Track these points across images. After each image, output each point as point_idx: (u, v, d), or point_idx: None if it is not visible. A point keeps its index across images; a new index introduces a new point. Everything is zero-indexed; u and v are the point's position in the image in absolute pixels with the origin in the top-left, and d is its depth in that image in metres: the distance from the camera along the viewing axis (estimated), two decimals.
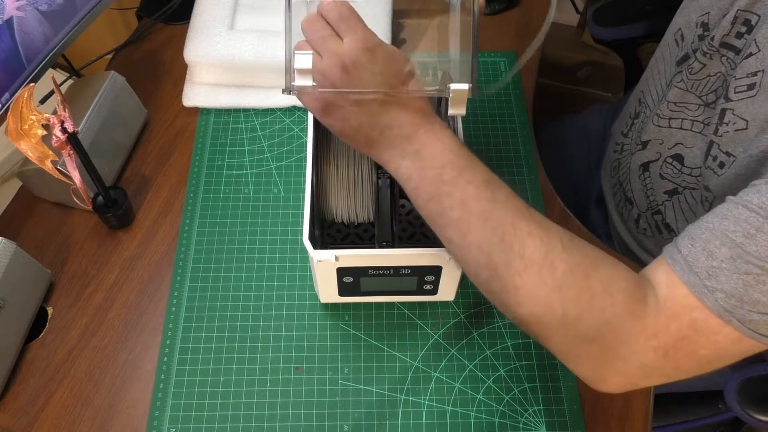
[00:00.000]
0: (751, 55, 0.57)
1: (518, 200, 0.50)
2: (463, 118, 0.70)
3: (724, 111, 0.60)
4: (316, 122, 0.62)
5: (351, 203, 0.64)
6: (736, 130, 0.59)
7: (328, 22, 0.50)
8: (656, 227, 0.77)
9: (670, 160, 0.72)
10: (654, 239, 0.79)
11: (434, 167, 0.49)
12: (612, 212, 0.88)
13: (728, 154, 0.60)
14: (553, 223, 0.49)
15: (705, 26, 0.67)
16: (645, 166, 0.77)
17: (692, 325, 0.44)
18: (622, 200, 0.84)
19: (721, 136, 0.61)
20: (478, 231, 0.48)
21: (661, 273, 0.47)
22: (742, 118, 0.58)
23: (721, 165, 0.61)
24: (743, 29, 0.60)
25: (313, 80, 0.50)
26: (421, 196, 0.51)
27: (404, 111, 0.50)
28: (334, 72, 0.49)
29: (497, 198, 0.49)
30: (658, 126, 0.73)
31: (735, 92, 0.59)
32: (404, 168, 0.51)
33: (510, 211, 0.48)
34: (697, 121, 0.68)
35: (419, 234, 0.76)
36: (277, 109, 0.88)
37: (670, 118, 0.71)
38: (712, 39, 0.63)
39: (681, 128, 0.70)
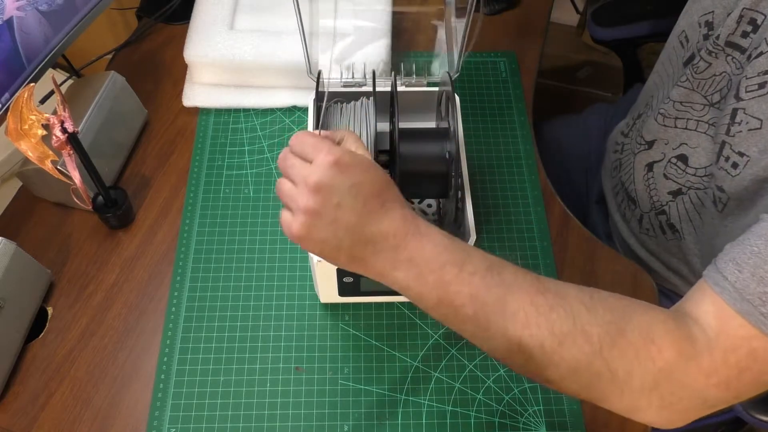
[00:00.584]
0: (762, 54, 0.57)
1: (527, 274, 0.48)
2: (463, 118, 0.70)
3: (735, 111, 0.60)
4: (316, 122, 0.62)
5: None
6: (749, 130, 0.58)
7: (299, 155, 0.49)
8: (660, 227, 0.77)
9: (674, 160, 0.72)
10: (657, 239, 0.79)
11: (433, 271, 0.47)
12: (614, 212, 0.88)
13: (741, 154, 0.59)
14: (568, 285, 0.48)
15: (709, 25, 0.67)
16: (649, 167, 0.76)
17: (752, 355, 0.43)
18: (624, 200, 0.84)
19: (733, 136, 0.61)
20: (498, 321, 0.46)
21: (707, 304, 0.46)
22: (756, 117, 0.58)
23: (735, 165, 0.60)
24: (749, 28, 0.60)
25: (290, 210, 0.48)
26: (426, 302, 0.48)
27: (386, 220, 0.47)
28: (304, 195, 0.46)
29: (506, 281, 0.47)
30: (664, 126, 0.73)
31: (746, 91, 0.59)
32: (400, 279, 0.48)
33: (524, 291, 0.47)
34: (702, 121, 0.68)
35: None
36: (277, 109, 0.88)
37: (675, 118, 0.71)
38: (717, 38, 0.63)
39: (686, 128, 0.70)
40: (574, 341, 0.45)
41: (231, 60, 0.84)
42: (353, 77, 0.70)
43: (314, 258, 0.59)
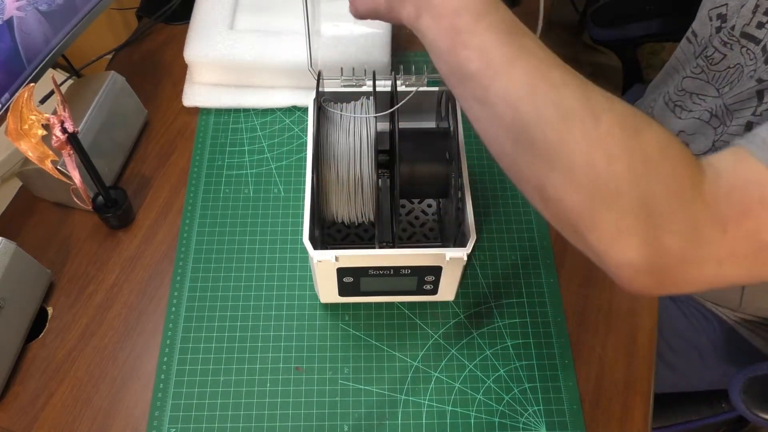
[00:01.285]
0: None
1: (549, 51, 0.43)
2: (463, 118, 0.70)
3: (761, 92, 0.60)
4: (316, 122, 0.62)
5: (351, 204, 0.64)
6: None
7: None
8: None
9: None
10: None
11: (447, 14, 0.43)
12: None
13: None
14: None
15: (722, 17, 0.67)
16: None
17: (762, 201, 0.38)
18: None
19: (760, 114, 0.61)
20: (501, 82, 0.41)
21: (727, 153, 0.41)
22: None
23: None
24: (764, 19, 0.60)
25: None
26: (436, 52, 0.44)
27: None
28: None
29: (524, 45, 0.42)
30: (678, 118, 0.73)
31: None
32: (422, 24, 0.45)
33: (540, 59, 0.41)
34: (708, 111, 0.69)
35: (419, 234, 0.76)
36: (277, 109, 0.88)
37: (690, 111, 0.72)
38: (732, 28, 0.64)
39: (698, 119, 0.71)
40: (581, 122, 0.38)
41: (231, 60, 0.84)
42: (353, 77, 0.70)
43: (314, 258, 0.59)
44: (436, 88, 0.72)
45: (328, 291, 0.69)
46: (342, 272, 0.64)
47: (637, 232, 0.38)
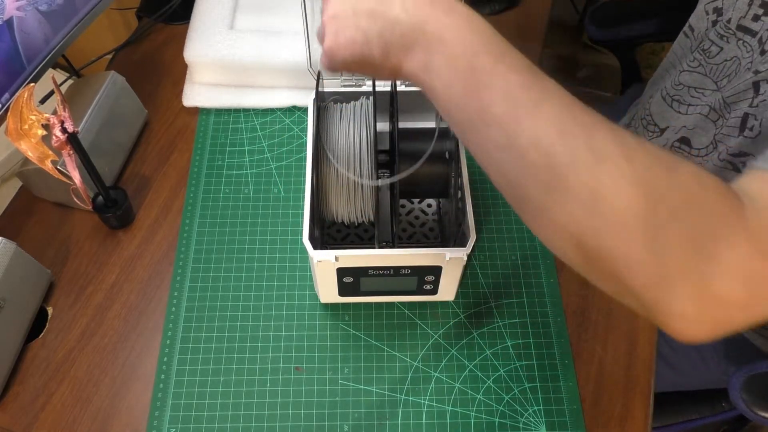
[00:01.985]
0: None
1: (568, 93, 0.40)
2: None
3: (757, 84, 0.61)
4: (316, 122, 0.62)
5: (351, 204, 0.64)
6: None
7: None
8: None
9: (677, 144, 0.73)
10: None
11: (464, 54, 0.40)
12: None
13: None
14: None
15: (718, 11, 0.67)
16: None
17: None
18: None
19: (756, 106, 0.61)
20: (530, 126, 0.38)
21: (754, 181, 0.40)
22: None
23: (752, 128, 0.62)
24: (760, 11, 0.61)
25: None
26: (451, 97, 0.41)
27: (418, 1, 0.42)
28: (325, 11, 0.44)
29: (547, 87, 0.40)
30: (678, 112, 0.73)
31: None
32: (433, 68, 0.41)
33: (565, 102, 0.39)
34: (705, 104, 0.69)
35: (419, 234, 0.76)
36: (277, 109, 0.88)
37: (689, 105, 0.72)
38: (728, 21, 0.64)
39: (699, 113, 0.71)
40: (616, 163, 0.36)
41: (231, 60, 0.84)
42: (353, 77, 0.70)
43: (314, 258, 0.59)
44: None
45: (328, 291, 0.69)
46: (342, 272, 0.64)
47: (687, 276, 0.35)
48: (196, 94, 0.88)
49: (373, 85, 0.65)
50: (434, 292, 0.69)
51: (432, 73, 0.42)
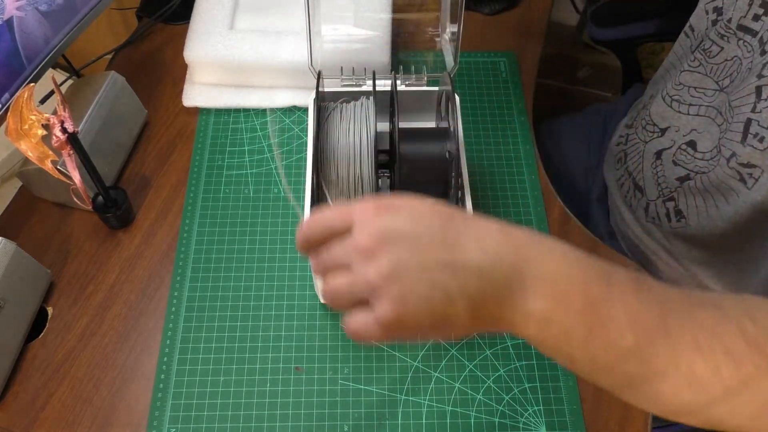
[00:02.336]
0: None
1: (665, 285, 0.38)
2: (463, 118, 0.70)
3: (759, 88, 0.60)
4: (316, 122, 0.62)
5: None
6: None
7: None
8: (666, 215, 0.77)
9: (684, 146, 0.72)
10: (662, 228, 0.78)
11: (576, 289, 0.35)
12: (619, 203, 0.87)
13: None
14: (713, 292, 0.41)
15: (718, 11, 0.67)
16: (658, 154, 0.76)
17: None
18: (631, 189, 0.83)
19: (760, 112, 0.61)
20: (665, 350, 0.35)
21: None
22: None
23: (762, 140, 0.61)
24: (761, 11, 0.61)
25: (361, 305, 0.37)
26: (570, 341, 0.35)
27: (482, 238, 0.36)
28: (370, 267, 0.35)
29: (658, 296, 0.36)
30: (678, 112, 0.73)
31: None
32: (538, 311, 0.35)
33: (680, 304, 0.36)
34: (711, 106, 0.69)
35: None
36: (277, 109, 0.88)
37: (689, 105, 0.72)
38: (729, 21, 0.64)
39: (698, 114, 0.71)
40: (752, 360, 0.35)
41: (231, 60, 0.84)
42: (353, 77, 0.70)
43: None
44: (436, 88, 0.72)
45: None
46: None
47: None
48: (196, 94, 0.88)
49: (374, 85, 0.65)
50: None
51: (541, 321, 0.36)
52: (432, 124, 0.75)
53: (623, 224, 0.87)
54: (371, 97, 0.64)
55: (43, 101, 0.77)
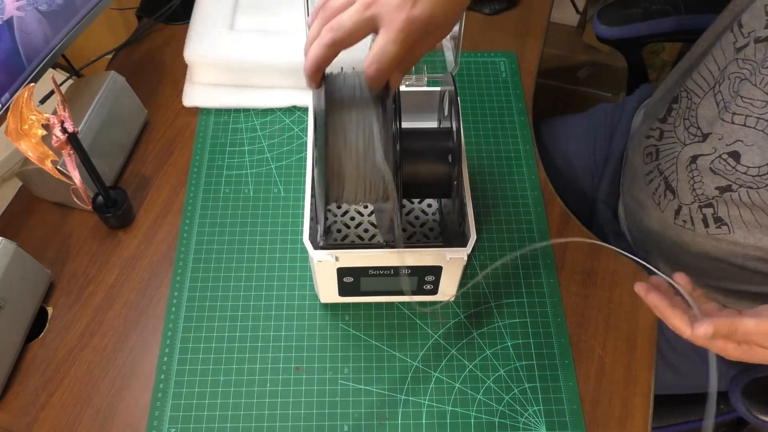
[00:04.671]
0: None
1: None
2: (463, 118, 0.71)
3: None
4: (315, 122, 0.62)
5: (361, 182, 0.59)
6: None
7: None
8: (703, 220, 0.74)
9: (725, 156, 0.69)
10: (694, 232, 0.76)
11: None
12: (644, 198, 0.83)
13: None
14: None
15: None
16: (693, 158, 0.74)
17: None
18: (661, 188, 0.80)
19: None
20: None
21: None
22: None
23: None
24: None
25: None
26: None
27: None
28: None
29: None
30: (723, 120, 0.70)
31: None
32: None
33: None
34: (762, 118, 0.66)
35: (419, 234, 0.76)
36: (277, 109, 0.88)
37: (734, 114, 0.69)
38: None
39: (744, 125, 0.68)
40: None
41: (231, 60, 0.84)
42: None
43: (314, 258, 0.59)
44: (437, 88, 0.72)
45: (328, 291, 0.69)
46: (342, 272, 0.64)
47: None
48: (196, 94, 0.88)
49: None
50: (434, 292, 0.69)
51: None
52: (433, 125, 0.75)
53: (647, 218, 0.83)
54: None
55: (43, 101, 0.77)
